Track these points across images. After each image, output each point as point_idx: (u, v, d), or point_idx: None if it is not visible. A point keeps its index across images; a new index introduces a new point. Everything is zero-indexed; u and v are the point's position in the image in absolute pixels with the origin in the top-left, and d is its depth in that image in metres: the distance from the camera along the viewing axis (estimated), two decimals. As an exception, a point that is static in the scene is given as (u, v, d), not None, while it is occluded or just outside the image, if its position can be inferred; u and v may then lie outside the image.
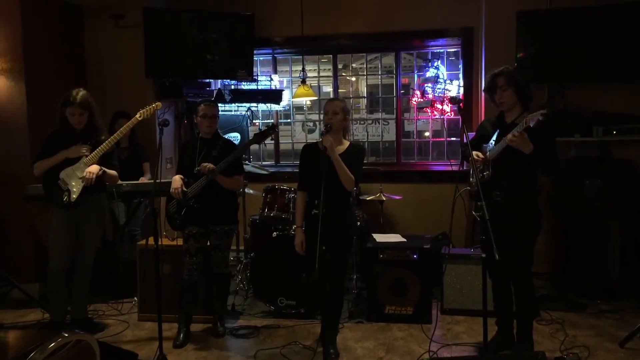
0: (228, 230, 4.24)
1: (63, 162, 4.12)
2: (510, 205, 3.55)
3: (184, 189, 4.07)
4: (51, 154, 4.12)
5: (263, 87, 6.19)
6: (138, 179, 5.25)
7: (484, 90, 3.76)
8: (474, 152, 3.61)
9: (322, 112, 3.88)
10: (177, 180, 4.11)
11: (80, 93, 4.09)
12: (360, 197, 5.21)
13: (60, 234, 4.20)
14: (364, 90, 7.54)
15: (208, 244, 4.18)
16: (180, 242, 4.31)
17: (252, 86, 6.16)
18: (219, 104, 4.59)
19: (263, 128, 4.29)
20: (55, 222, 4.20)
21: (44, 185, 4.22)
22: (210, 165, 4.00)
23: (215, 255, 4.21)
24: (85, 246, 4.27)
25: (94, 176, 4.04)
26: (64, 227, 4.19)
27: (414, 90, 6.04)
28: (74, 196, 4.08)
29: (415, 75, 6.23)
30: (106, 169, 4.16)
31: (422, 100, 5.90)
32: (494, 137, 3.62)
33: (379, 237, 4.72)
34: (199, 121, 4.19)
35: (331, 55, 6.36)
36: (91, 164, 4.09)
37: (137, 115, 4.12)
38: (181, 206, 4.13)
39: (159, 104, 4.17)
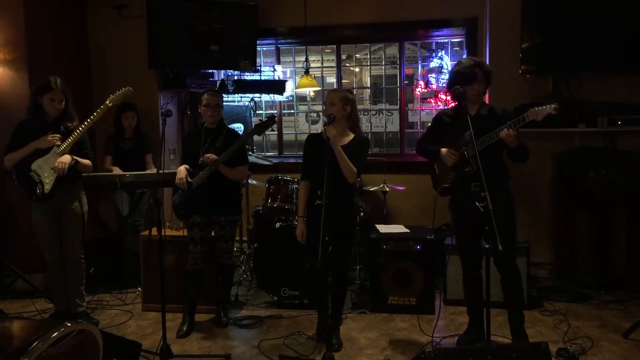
0: (232, 220, 4.25)
1: (34, 152, 4.03)
2: (490, 194, 3.43)
3: (189, 179, 4.08)
4: (21, 145, 4.04)
5: (266, 78, 6.18)
6: (141, 170, 5.25)
7: (463, 80, 3.46)
8: (445, 150, 3.58)
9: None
10: (182, 170, 4.11)
11: (59, 80, 4.05)
12: (364, 188, 5.21)
13: (42, 226, 4.15)
14: (367, 80, 7.50)
15: (212, 234, 4.19)
16: (183, 232, 4.33)
17: (256, 77, 6.14)
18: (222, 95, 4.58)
19: (265, 119, 4.29)
20: (35, 216, 4.15)
21: (17, 178, 4.11)
22: (213, 156, 4.01)
23: (219, 246, 4.22)
24: (68, 238, 4.18)
25: (67, 166, 3.95)
26: (44, 219, 4.13)
27: (417, 80, 6.01)
28: (48, 187, 3.99)
29: (419, 66, 6.19)
30: (79, 159, 4.08)
31: (425, 90, 5.86)
32: (470, 132, 3.32)
33: (382, 228, 4.72)
34: (203, 111, 4.19)
35: (335, 46, 6.32)
36: (63, 154, 4.00)
37: (107, 102, 4.09)
38: (186, 196, 4.14)
39: (129, 88, 4.13)
